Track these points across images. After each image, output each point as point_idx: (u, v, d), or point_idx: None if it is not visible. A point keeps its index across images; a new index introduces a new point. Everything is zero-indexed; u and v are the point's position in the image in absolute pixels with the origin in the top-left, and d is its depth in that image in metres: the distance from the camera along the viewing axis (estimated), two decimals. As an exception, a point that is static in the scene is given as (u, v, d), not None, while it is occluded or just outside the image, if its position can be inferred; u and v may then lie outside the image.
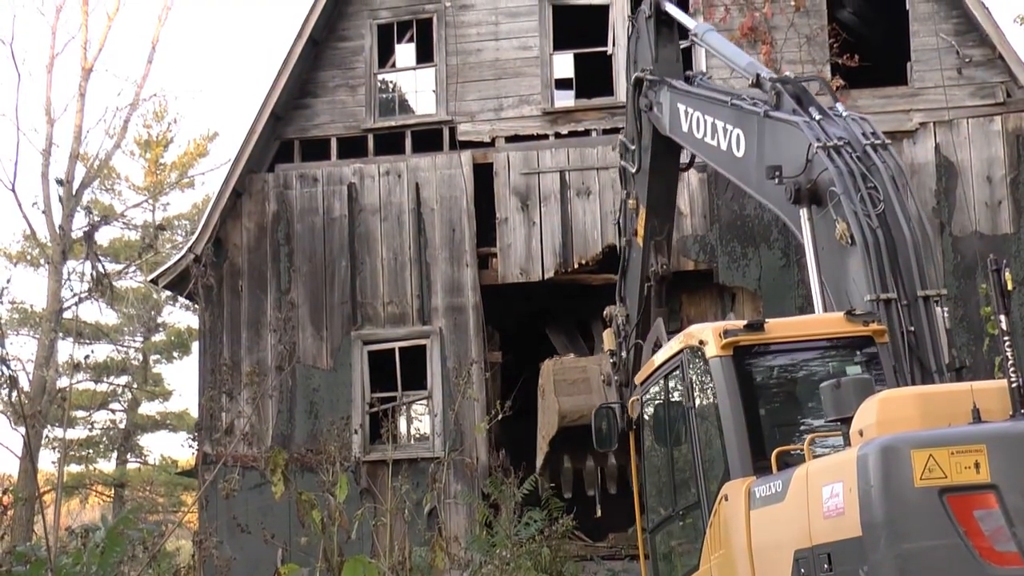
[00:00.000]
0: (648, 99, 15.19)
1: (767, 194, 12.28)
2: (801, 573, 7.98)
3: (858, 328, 9.81)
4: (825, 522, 7.70)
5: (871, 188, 10.81)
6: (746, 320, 9.78)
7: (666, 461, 10.55)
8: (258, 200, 22.47)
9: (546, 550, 16.13)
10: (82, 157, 37.28)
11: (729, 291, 21.07)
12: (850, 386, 8.37)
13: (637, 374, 11.05)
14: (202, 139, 45.46)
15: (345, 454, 9.98)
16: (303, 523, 7.82)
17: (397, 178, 22.17)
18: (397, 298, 21.77)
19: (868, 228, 10.59)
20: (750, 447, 9.10)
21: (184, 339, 44.00)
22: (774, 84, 12.38)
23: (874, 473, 7.29)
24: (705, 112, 13.64)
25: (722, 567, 9.12)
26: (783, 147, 11.82)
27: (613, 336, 16.92)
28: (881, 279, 10.39)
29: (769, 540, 8.50)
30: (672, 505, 10.32)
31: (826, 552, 7.70)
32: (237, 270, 22.25)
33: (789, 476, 8.28)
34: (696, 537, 9.71)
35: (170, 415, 45.07)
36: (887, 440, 7.40)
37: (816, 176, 11.09)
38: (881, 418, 7.73)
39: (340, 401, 21.22)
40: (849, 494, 7.44)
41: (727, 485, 9.08)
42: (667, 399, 10.42)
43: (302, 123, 22.70)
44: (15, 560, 8.61)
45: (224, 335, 22.07)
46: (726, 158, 13.14)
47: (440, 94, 22.47)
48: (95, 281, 6.53)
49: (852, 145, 11.22)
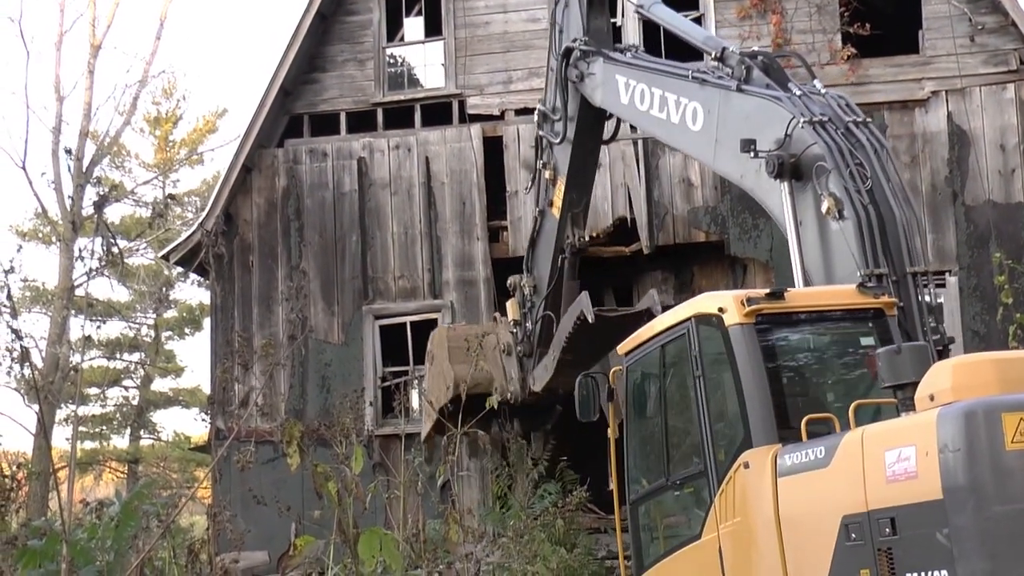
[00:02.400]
0: (579, 70, 15.05)
1: (728, 167, 12.37)
2: (852, 538, 7.91)
3: (870, 300, 9.86)
4: (889, 486, 7.63)
5: (858, 164, 10.91)
6: (767, 289, 9.77)
7: (659, 432, 10.45)
8: (268, 175, 22.46)
9: (560, 522, 16.13)
10: (92, 134, 37.26)
11: (740, 262, 21.03)
12: (908, 353, 8.35)
13: (624, 346, 10.94)
14: (211, 115, 45.39)
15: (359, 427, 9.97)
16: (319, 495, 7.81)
17: (407, 152, 22.14)
18: (408, 272, 21.77)
19: (859, 204, 10.69)
20: (773, 415, 9.06)
21: (195, 315, 44.04)
22: (743, 59, 12.30)
23: (961, 436, 7.22)
24: (652, 84, 13.56)
25: (737, 536, 9.06)
26: (754, 120, 11.79)
27: (517, 307, 16.94)
28: (872, 255, 10.53)
29: (805, 507, 8.44)
30: (665, 476, 10.21)
31: (889, 516, 7.63)
32: (248, 245, 22.26)
33: (835, 442, 8.21)
34: (697, 507, 9.67)
35: (182, 391, 45.15)
36: (975, 403, 7.34)
37: (800, 152, 11.11)
38: (956, 383, 7.65)
39: (352, 375, 21.26)
40: (926, 458, 7.36)
41: (748, 453, 9.01)
42: (664, 369, 10.33)
43: (311, 98, 22.66)
44: (30, 534, 8.63)
45: (235, 310, 22.09)
46: (678, 131, 13.11)
47: (449, 67, 22.42)
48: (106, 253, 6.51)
49: (834, 122, 11.26)
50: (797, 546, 8.50)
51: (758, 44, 20.73)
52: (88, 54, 36.82)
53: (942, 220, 20.42)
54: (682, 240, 21.14)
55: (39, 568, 8.59)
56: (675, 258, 21.38)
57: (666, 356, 10.24)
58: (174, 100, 44.58)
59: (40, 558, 8.62)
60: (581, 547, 16.39)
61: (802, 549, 8.44)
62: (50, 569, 8.58)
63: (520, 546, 14.57)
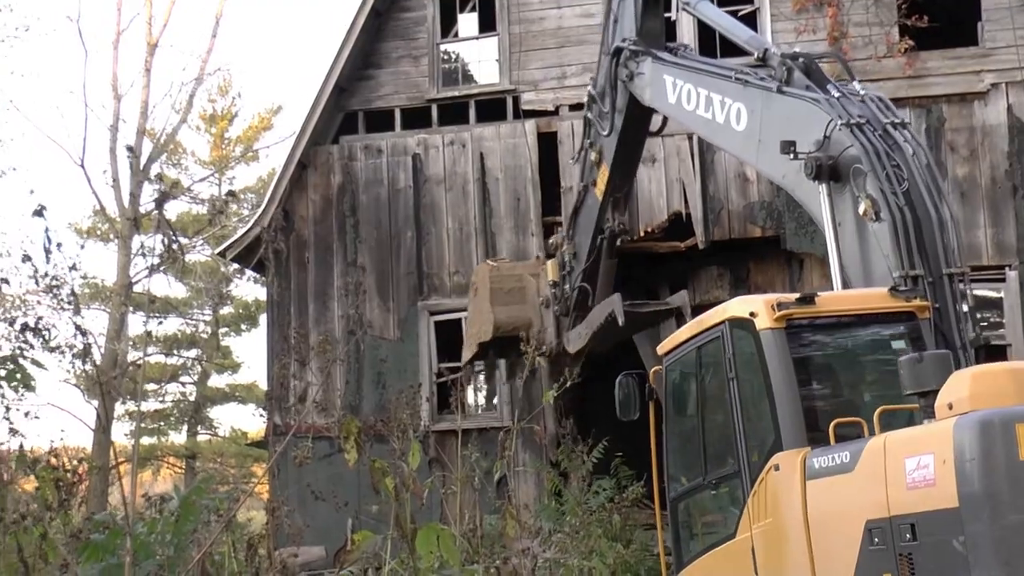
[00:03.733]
0: (628, 69, 15.32)
1: (771, 167, 12.55)
2: (875, 542, 8.01)
3: (902, 304, 9.94)
4: (909, 493, 7.72)
5: (895, 166, 10.97)
6: (799, 293, 9.83)
7: (696, 431, 10.58)
8: (323, 172, 22.56)
9: (616, 518, 16.12)
10: (149, 132, 37.58)
11: (797, 258, 20.89)
12: (930, 361, 8.40)
13: (663, 346, 11.07)
14: (267, 112, 45.68)
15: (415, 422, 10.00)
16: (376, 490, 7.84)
17: (461, 148, 22.16)
18: (463, 268, 21.78)
19: (895, 206, 10.75)
20: (803, 419, 9.16)
21: (252, 312, 44.34)
22: (784, 60, 12.48)
23: (975, 445, 7.33)
24: (699, 85, 13.78)
25: (768, 536, 9.19)
26: (795, 122, 11.95)
27: (557, 268, 17.88)
28: (908, 256, 10.58)
29: (831, 510, 8.55)
30: (702, 475, 10.33)
31: (909, 522, 7.72)
32: (303, 242, 22.36)
33: (860, 447, 8.32)
34: (732, 506, 9.76)
35: (239, 387, 45.47)
36: (989, 413, 7.44)
37: (838, 154, 11.24)
38: (974, 392, 7.74)
39: (407, 371, 21.28)
40: (943, 466, 7.47)
41: (778, 455, 9.13)
42: (700, 370, 10.44)
43: (366, 94, 22.73)
44: (93, 528, 8.71)
45: (292, 307, 22.20)
46: (722, 130, 13.32)
47: (503, 63, 22.42)
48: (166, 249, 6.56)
49: (872, 124, 11.35)
50: (825, 548, 8.61)
51: (814, 37, 20.64)
52: (145, 52, 37.13)
53: (1002, 214, 20.20)
54: (738, 235, 21.02)
55: (101, 561, 8.68)
56: (731, 253, 21.26)
57: (702, 358, 10.37)
58: (230, 97, 44.90)
59: (102, 552, 8.70)
60: (637, 543, 16.38)
61: (829, 551, 8.55)
62: (111, 563, 8.66)
63: (576, 541, 14.57)
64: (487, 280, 19.12)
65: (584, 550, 14.54)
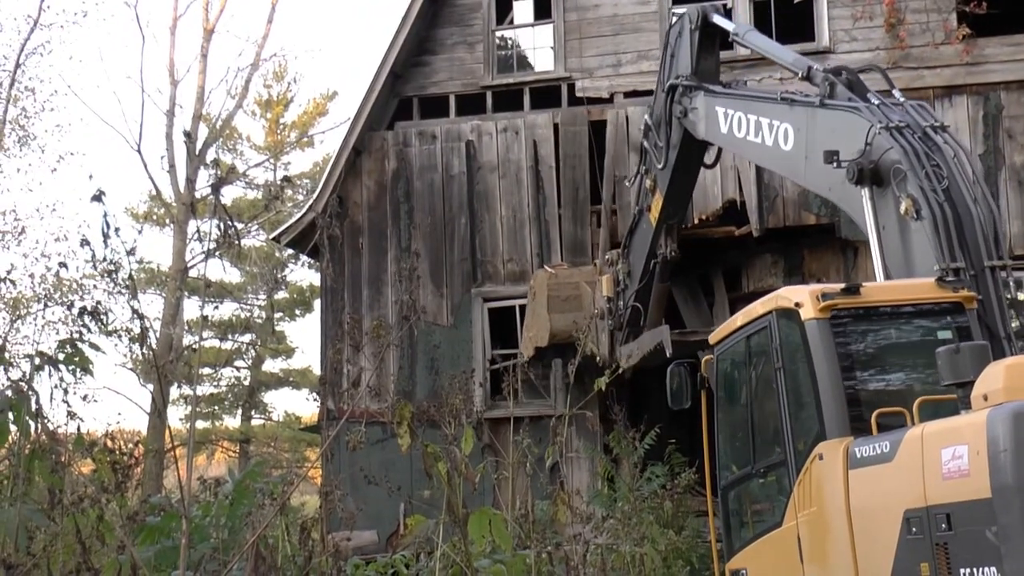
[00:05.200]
0: (682, 105, 15.77)
1: (817, 181, 12.88)
2: (912, 532, 8.05)
3: (948, 294, 9.92)
4: (945, 483, 7.75)
5: (935, 166, 11.17)
6: (843, 284, 9.85)
7: (743, 421, 10.63)
8: (377, 158, 22.63)
9: (668, 504, 16.11)
10: (204, 118, 37.84)
11: (852, 245, 20.76)
12: (968, 352, 8.41)
13: (714, 335, 11.15)
14: (322, 98, 45.86)
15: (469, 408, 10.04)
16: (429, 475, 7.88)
17: (515, 135, 22.16)
18: (517, 256, 21.80)
19: (935, 203, 10.90)
20: (847, 408, 9.19)
21: (306, 297, 44.56)
22: (826, 75, 12.88)
23: (1007, 437, 7.34)
24: (748, 111, 14.21)
25: (813, 524, 9.22)
26: (840, 133, 12.25)
27: (612, 284, 18.47)
28: (949, 250, 10.68)
29: (872, 499, 8.59)
30: (751, 463, 10.40)
31: (945, 512, 7.74)
32: (357, 228, 22.45)
33: (899, 437, 8.34)
34: (780, 495, 9.81)
35: (293, 372, 45.72)
36: (1020, 405, 7.44)
37: (879, 157, 11.50)
38: (1008, 384, 7.76)
39: (460, 357, 21.34)
40: (976, 457, 7.49)
41: (822, 445, 9.17)
42: (749, 360, 10.50)
43: (421, 81, 22.78)
44: (148, 511, 8.81)
45: (345, 292, 22.30)
46: (772, 153, 13.70)
47: (558, 50, 22.40)
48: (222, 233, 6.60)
49: (912, 127, 11.60)
50: (866, 537, 8.64)
51: (871, 23, 20.49)
52: (201, 38, 37.43)
53: (1061, 202, 20.02)
54: (792, 223, 20.92)
55: (156, 544, 8.77)
56: (785, 241, 21.16)
57: (751, 347, 10.46)
58: (285, 83, 45.14)
59: (157, 534, 8.80)
60: (689, 529, 16.37)
61: (870, 540, 8.57)
62: (167, 545, 8.76)
63: (628, 528, 14.57)
64: (545, 287, 19.88)
65: (636, 536, 14.53)
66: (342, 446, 9.61)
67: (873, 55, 20.56)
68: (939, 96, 20.43)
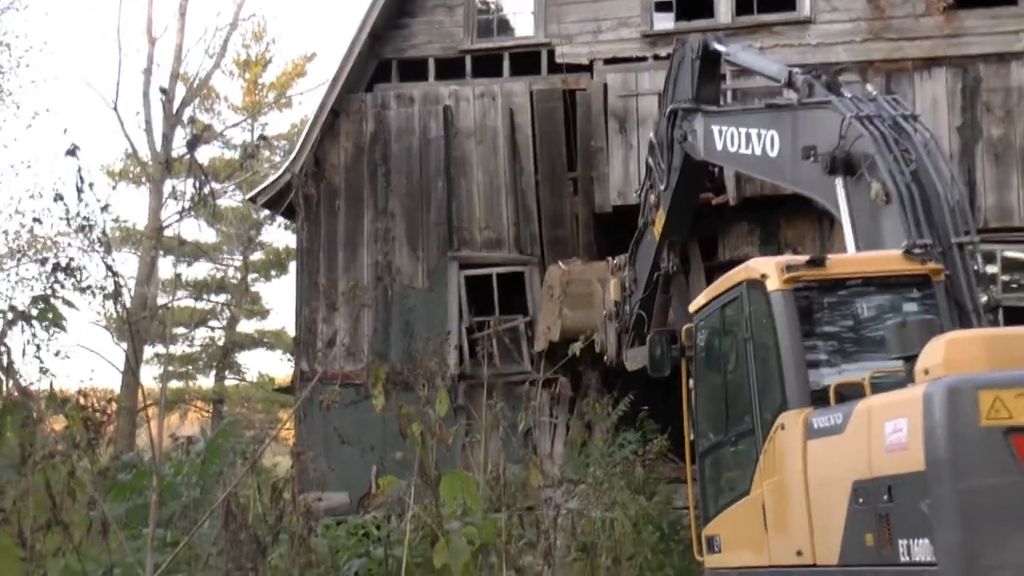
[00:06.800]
0: (682, 129, 16.36)
1: (801, 180, 13.34)
2: (859, 502, 8.20)
3: (915, 266, 9.99)
4: (887, 456, 7.88)
5: (903, 150, 11.56)
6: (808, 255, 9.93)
7: (719, 389, 10.77)
8: (355, 120, 22.55)
9: (640, 470, 16.18)
10: (182, 77, 37.57)
11: (828, 215, 20.73)
12: (915, 326, 8.58)
13: (694, 304, 11.28)
14: (300, 59, 45.65)
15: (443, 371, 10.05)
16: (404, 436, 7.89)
17: (492, 101, 22.11)
18: (493, 223, 21.79)
19: (903, 185, 11.24)
20: (808, 380, 9.31)
21: (281, 258, 44.45)
22: (806, 78, 13.48)
23: (940, 412, 7.45)
24: (739, 125, 14.79)
25: (775, 493, 9.36)
26: (818, 129, 12.77)
27: (619, 289, 19.09)
28: (917, 228, 10.93)
29: (826, 470, 8.72)
30: (724, 432, 10.54)
31: (887, 484, 7.88)
32: (334, 189, 22.39)
33: (850, 409, 8.47)
34: (748, 463, 9.91)
35: (267, 333, 45.68)
36: (954, 380, 7.56)
37: (850, 146, 11.96)
38: (948, 358, 7.85)
39: (436, 321, 21.32)
40: (914, 430, 7.61)
41: (784, 415, 9.29)
42: (723, 329, 10.63)
43: (399, 43, 22.69)
44: (120, 468, 8.81)
45: (321, 254, 22.25)
46: (761, 162, 14.23)
47: (538, 15, 22.32)
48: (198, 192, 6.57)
49: (882, 117, 12.08)
50: (821, 506, 8.78)
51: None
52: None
53: (1036, 176, 20.09)
54: (769, 192, 20.92)
55: (127, 500, 8.78)
56: (762, 210, 21.17)
57: (725, 317, 10.56)
58: (263, 43, 44.90)
59: (129, 491, 8.80)
60: (660, 495, 16.44)
61: (825, 509, 8.71)
62: (138, 502, 8.76)
63: (599, 493, 14.64)
64: (559, 283, 20.54)
65: (607, 502, 14.60)
66: (315, 407, 9.62)
67: (854, 25, 20.57)
68: (918, 68, 20.46)
